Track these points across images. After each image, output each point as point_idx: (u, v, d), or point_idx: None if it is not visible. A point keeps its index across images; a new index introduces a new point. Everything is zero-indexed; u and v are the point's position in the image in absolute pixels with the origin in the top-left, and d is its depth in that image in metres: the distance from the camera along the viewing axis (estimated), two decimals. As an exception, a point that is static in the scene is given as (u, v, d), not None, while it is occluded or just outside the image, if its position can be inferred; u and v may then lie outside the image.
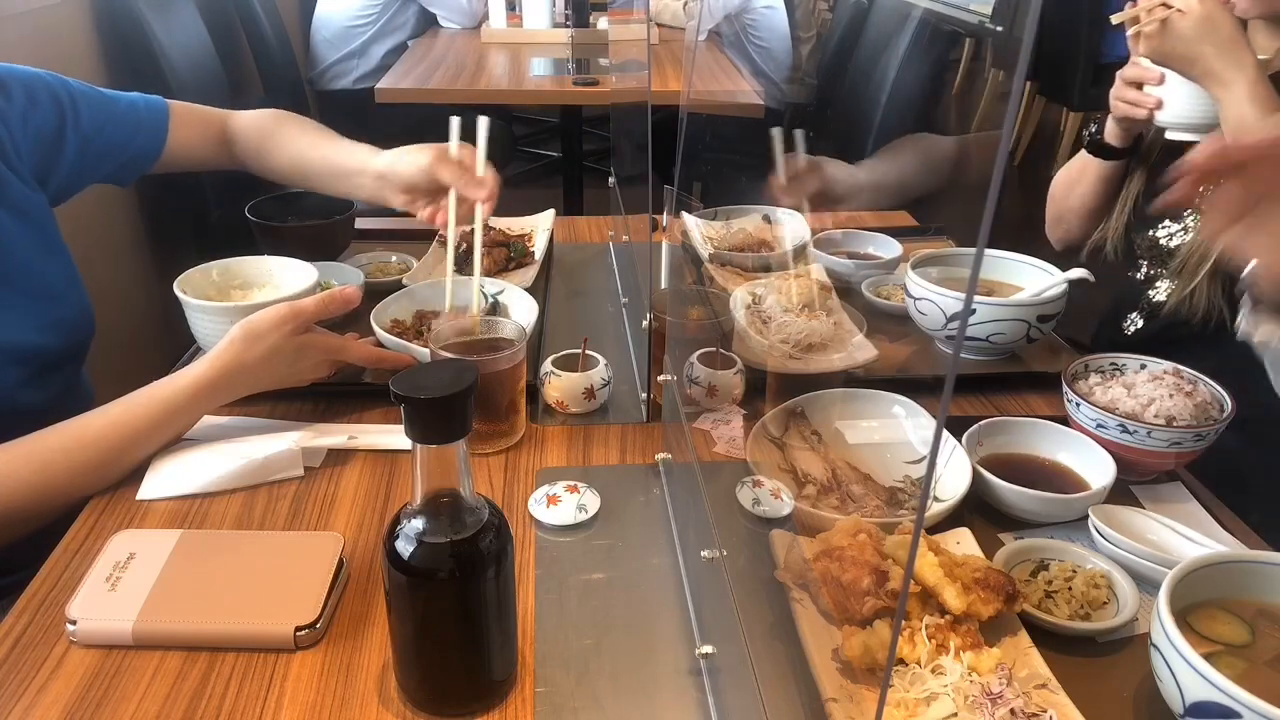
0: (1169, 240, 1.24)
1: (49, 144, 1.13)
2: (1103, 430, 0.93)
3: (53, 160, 1.14)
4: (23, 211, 1.08)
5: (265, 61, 2.94)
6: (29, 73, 1.13)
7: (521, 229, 1.49)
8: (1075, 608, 0.76)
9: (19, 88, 1.11)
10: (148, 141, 1.23)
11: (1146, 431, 0.90)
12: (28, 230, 1.08)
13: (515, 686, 0.72)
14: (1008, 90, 0.39)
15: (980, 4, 3.09)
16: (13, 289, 1.05)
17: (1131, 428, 0.90)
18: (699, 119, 1.27)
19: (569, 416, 1.06)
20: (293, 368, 1.00)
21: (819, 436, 0.98)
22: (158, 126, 1.24)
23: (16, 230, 1.07)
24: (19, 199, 1.08)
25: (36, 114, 1.12)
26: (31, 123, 1.11)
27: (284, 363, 0.99)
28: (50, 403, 0.99)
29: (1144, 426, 0.90)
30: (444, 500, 0.64)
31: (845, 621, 0.72)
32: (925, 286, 1.14)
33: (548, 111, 4.32)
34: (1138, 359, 1.01)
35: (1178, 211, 1.24)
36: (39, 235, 1.10)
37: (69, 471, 0.89)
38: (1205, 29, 1.04)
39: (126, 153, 1.22)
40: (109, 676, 0.72)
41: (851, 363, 1.11)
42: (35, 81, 1.13)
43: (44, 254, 1.11)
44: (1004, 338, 1.12)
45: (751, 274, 1.30)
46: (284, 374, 1.00)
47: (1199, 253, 1.17)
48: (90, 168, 1.19)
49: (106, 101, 1.20)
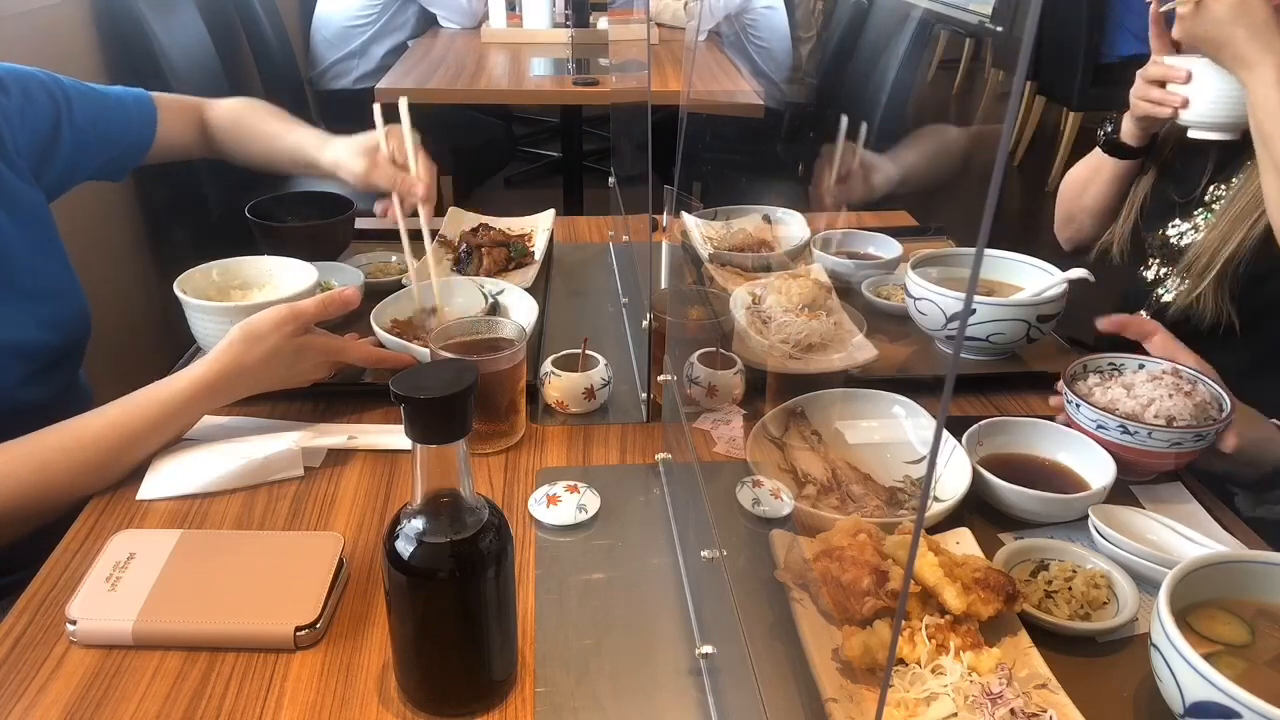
0: (1179, 239, 1.24)
1: (45, 140, 1.14)
2: (1103, 431, 0.92)
3: (48, 156, 1.15)
4: (20, 209, 1.08)
5: (265, 61, 2.94)
6: (22, 69, 1.14)
7: (521, 229, 1.49)
8: (1075, 608, 0.76)
9: (15, 84, 1.11)
10: (139, 135, 1.25)
11: (1147, 432, 0.90)
12: (24, 227, 1.09)
13: (515, 686, 0.72)
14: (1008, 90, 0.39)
15: (980, 4, 3.09)
16: (10, 287, 1.05)
17: (1132, 428, 0.90)
18: (699, 119, 1.27)
19: (569, 416, 1.06)
20: (292, 369, 1.00)
21: (819, 436, 0.98)
22: (147, 119, 1.26)
23: (13, 228, 1.07)
24: (16, 196, 1.08)
25: (32, 110, 1.13)
26: (28, 119, 1.12)
27: (283, 364, 0.99)
28: (49, 401, 1.00)
29: (1144, 427, 0.90)
30: (444, 500, 0.64)
31: (845, 621, 0.72)
32: (925, 286, 1.14)
33: (548, 111, 4.32)
34: (1136, 359, 1.01)
35: (1187, 208, 1.24)
36: (36, 232, 1.11)
37: (68, 471, 0.89)
38: (1239, 11, 1.04)
39: (119, 146, 1.24)
40: (109, 676, 0.72)
41: (851, 363, 1.11)
42: (29, 78, 1.14)
43: (41, 251, 1.11)
44: (1004, 338, 1.12)
45: (751, 274, 1.30)
46: (283, 375, 1.00)
47: (1209, 253, 1.17)
48: (84, 162, 1.20)
49: (97, 96, 1.21)
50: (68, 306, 1.14)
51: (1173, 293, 1.25)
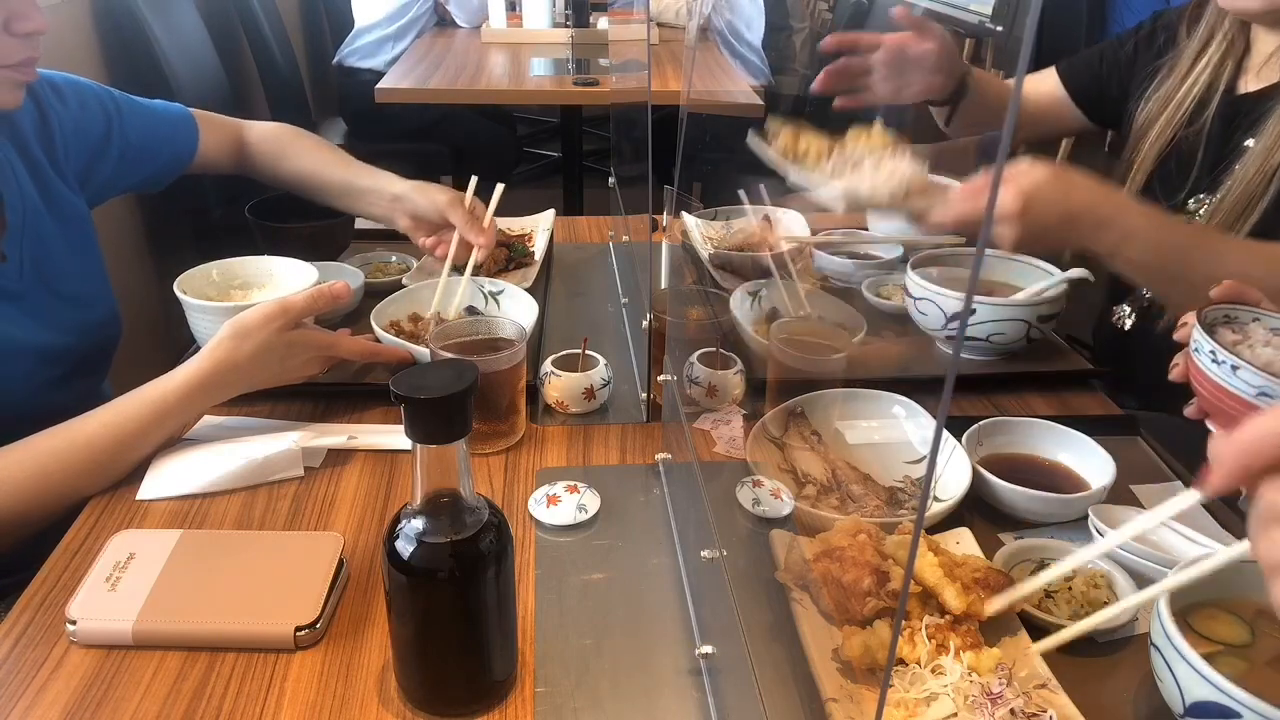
0: None
1: (95, 149, 1.17)
2: (1265, 400, 0.76)
3: (96, 166, 1.18)
4: (65, 217, 1.11)
5: (265, 61, 2.93)
6: (78, 79, 1.17)
7: (521, 229, 1.49)
8: (1075, 608, 0.76)
9: (72, 94, 1.14)
10: (181, 149, 1.28)
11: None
12: (68, 235, 1.11)
13: (515, 686, 0.72)
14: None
15: (980, 4, 3.09)
16: (49, 291, 1.07)
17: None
18: (699, 119, 1.27)
19: (569, 416, 1.06)
20: (284, 364, 1.00)
21: (819, 436, 0.98)
22: (188, 135, 1.29)
23: (58, 234, 1.10)
24: (63, 203, 1.11)
25: (86, 120, 1.16)
26: (81, 128, 1.15)
27: (275, 359, 0.98)
28: (73, 406, 1.00)
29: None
30: (444, 500, 0.64)
31: (846, 622, 0.72)
32: (925, 286, 1.14)
33: (548, 111, 4.32)
34: (1250, 310, 0.85)
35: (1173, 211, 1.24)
36: (77, 239, 1.13)
37: (64, 474, 0.89)
38: (1061, 193, 0.95)
39: (161, 160, 1.27)
40: (109, 676, 0.72)
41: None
42: (85, 88, 1.17)
43: (80, 257, 1.14)
44: (1004, 338, 1.12)
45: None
46: (276, 371, 1.00)
47: None
48: (128, 174, 1.23)
49: (144, 110, 1.24)
50: (101, 310, 1.16)
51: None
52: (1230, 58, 1.20)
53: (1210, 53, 1.21)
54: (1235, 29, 1.20)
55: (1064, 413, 1.07)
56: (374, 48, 3.13)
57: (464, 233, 1.25)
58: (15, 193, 1.06)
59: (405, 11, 3.13)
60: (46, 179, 1.10)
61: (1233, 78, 1.20)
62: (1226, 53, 1.20)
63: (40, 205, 1.09)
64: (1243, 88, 1.20)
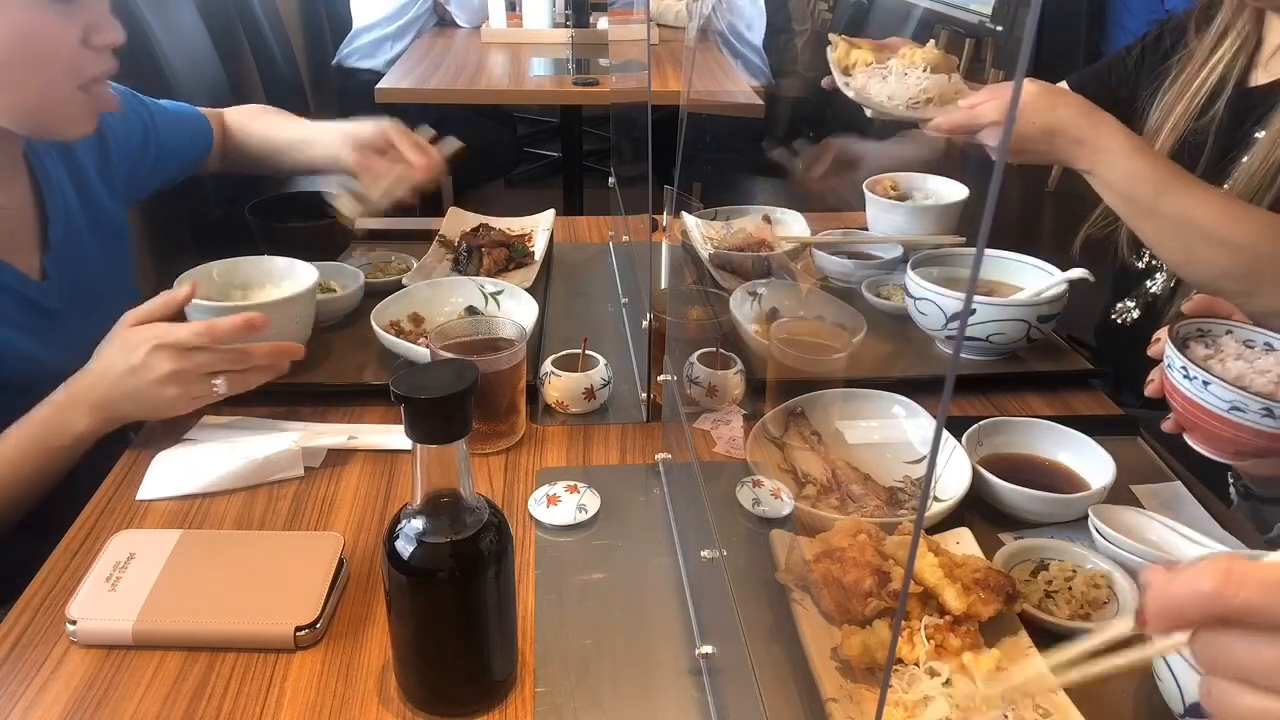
0: None
1: (137, 155, 1.19)
2: (1238, 414, 0.79)
3: (137, 170, 1.20)
4: (106, 230, 1.13)
5: (265, 61, 2.93)
6: (118, 86, 1.14)
7: (521, 229, 1.49)
8: (1075, 608, 0.76)
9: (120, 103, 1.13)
10: (200, 148, 1.30)
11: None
12: (107, 249, 1.13)
13: (515, 686, 0.72)
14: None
15: (980, 4, 3.09)
16: (85, 311, 1.07)
17: (1279, 411, 0.76)
18: (699, 119, 1.27)
19: (569, 416, 1.06)
20: (129, 360, 0.90)
21: (819, 436, 0.98)
22: (203, 133, 1.31)
23: (98, 251, 1.11)
24: (105, 217, 1.13)
25: (127, 128, 1.18)
26: (124, 136, 1.17)
27: (120, 357, 0.91)
28: None
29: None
30: (444, 500, 0.64)
31: (847, 623, 0.72)
32: (925, 286, 1.14)
33: (548, 111, 4.32)
34: (1222, 324, 0.89)
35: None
36: (113, 251, 1.15)
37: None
38: (1054, 100, 0.99)
39: (183, 160, 1.29)
40: (109, 676, 0.72)
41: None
42: (123, 94, 1.16)
43: (114, 268, 1.15)
44: (1004, 338, 1.12)
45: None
46: (123, 371, 0.91)
47: None
48: (157, 176, 1.25)
49: (169, 113, 1.26)
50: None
51: (1159, 285, 1.25)
52: (1244, 52, 1.20)
53: (1224, 48, 1.21)
54: (1250, 23, 1.20)
55: (1064, 413, 1.07)
56: (373, 48, 3.13)
57: (404, 150, 1.26)
58: (60, 211, 1.06)
59: (405, 11, 3.14)
60: (93, 195, 1.11)
61: (1244, 71, 1.21)
62: (1240, 47, 1.20)
63: (83, 224, 1.09)
64: (1253, 81, 1.20)
